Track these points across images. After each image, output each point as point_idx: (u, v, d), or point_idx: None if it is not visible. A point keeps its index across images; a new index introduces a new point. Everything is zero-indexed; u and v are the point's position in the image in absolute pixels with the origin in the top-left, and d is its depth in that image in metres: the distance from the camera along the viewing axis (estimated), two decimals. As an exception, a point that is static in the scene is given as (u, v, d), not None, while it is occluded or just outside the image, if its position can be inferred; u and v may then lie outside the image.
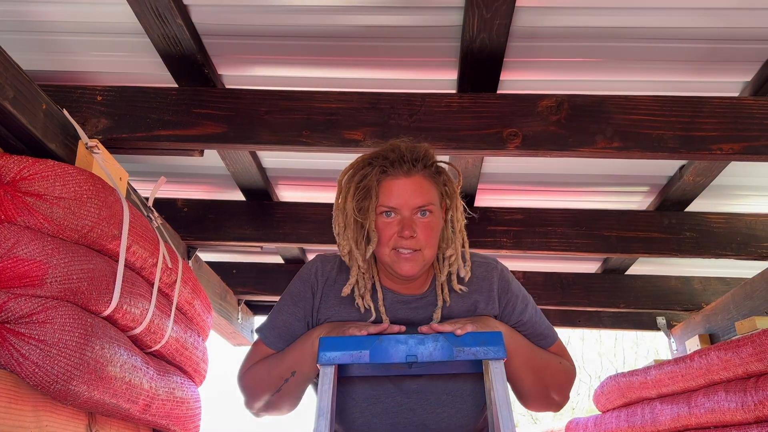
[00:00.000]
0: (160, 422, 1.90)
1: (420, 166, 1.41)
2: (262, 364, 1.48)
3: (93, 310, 1.54)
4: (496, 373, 1.30)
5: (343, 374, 1.46)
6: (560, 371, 1.50)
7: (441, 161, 1.47)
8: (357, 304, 1.46)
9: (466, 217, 1.49)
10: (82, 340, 1.44)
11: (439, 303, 1.46)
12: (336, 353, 1.31)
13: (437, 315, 1.45)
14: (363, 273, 1.45)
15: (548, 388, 1.47)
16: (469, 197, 2.86)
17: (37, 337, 1.37)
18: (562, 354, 1.55)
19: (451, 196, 1.47)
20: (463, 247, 1.47)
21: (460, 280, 1.47)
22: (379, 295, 1.47)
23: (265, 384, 1.46)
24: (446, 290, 1.47)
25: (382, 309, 1.46)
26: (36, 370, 1.36)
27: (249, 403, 1.50)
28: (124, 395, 1.63)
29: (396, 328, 1.37)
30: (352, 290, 1.46)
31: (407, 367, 1.35)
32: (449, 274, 1.47)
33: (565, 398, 1.51)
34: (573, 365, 1.56)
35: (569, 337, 14.67)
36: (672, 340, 4.01)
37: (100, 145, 1.81)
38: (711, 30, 1.90)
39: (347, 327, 1.39)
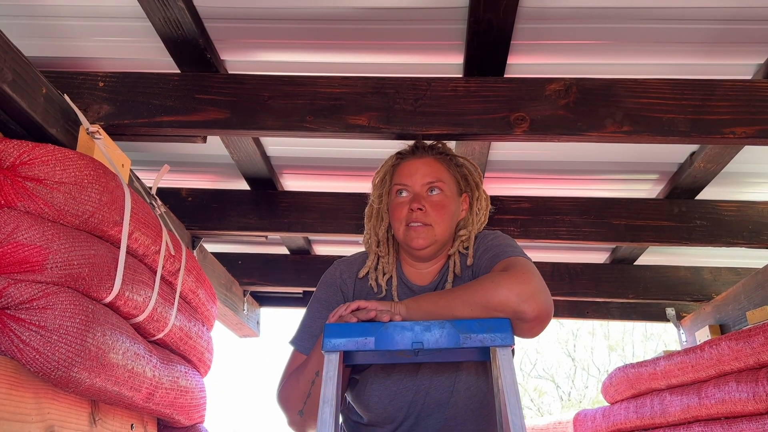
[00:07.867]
0: (164, 411, 1.88)
1: (433, 152, 1.57)
2: (294, 374, 1.49)
3: (94, 296, 1.52)
4: (503, 360, 1.27)
5: (348, 362, 1.44)
6: (479, 290, 1.31)
7: (459, 155, 1.62)
8: (370, 284, 1.56)
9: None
10: (82, 327, 1.42)
11: (449, 278, 1.53)
12: (341, 340, 1.30)
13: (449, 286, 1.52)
14: (381, 257, 1.58)
15: (475, 313, 1.31)
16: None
17: (37, 323, 1.35)
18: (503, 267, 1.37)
19: (474, 187, 1.61)
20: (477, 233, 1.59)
21: (465, 263, 1.56)
22: (394, 282, 1.56)
23: (297, 393, 1.45)
24: (458, 264, 1.55)
25: (394, 294, 1.55)
26: (36, 357, 1.34)
27: (288, 418, 1.48)
28: (127, 383, 1.61)
29: (387, 317, 1.30)
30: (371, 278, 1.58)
31: (413, 354, 1.33)
32: (459, 254, 1.56)
33: (511, 304, 1.27)
34: (514, 269, 1.33)
35: (578, 328, 14.66)
36: (681, 331, 3.97)
37: (101, 131, 1.79)
38: (723, 10, 1.85)
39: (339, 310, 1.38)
